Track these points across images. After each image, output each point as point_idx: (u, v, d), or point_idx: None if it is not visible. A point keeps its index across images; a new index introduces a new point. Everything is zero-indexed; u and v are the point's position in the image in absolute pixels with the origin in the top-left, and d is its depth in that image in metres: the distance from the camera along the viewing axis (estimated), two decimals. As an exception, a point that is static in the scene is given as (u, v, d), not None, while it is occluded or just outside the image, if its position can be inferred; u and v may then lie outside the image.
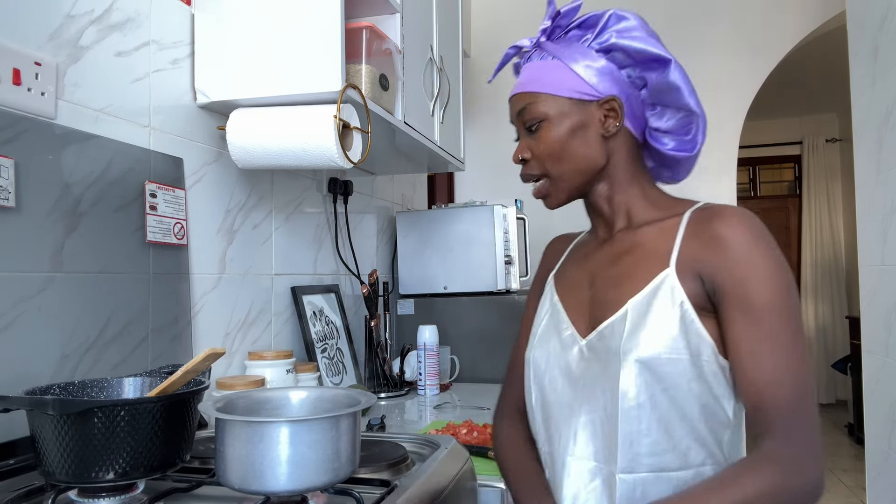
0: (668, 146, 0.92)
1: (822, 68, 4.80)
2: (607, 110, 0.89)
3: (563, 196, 0.93)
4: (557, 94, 0.89)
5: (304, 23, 1.31)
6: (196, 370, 0.84)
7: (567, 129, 0.89)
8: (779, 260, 0.79)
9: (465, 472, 1.03)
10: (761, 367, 0.76)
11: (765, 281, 0.77)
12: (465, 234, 2.19)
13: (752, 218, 0.81)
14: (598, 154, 0.90)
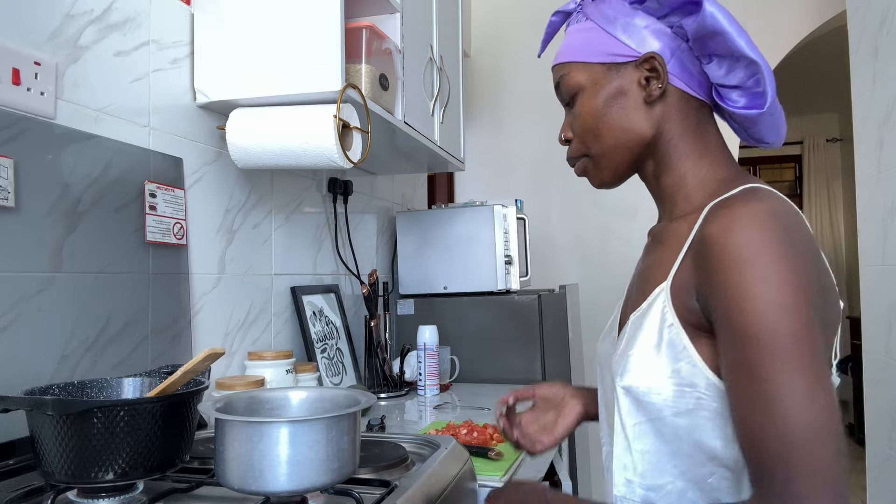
0: (738, 104, 0.75)
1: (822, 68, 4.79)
2: (648, 70, 0.75)
3: (605, 175, 0.81)
4: (588, 60, 0.78)
5: (304, 22, 1.31)
6: (196, 370, 0.84)
7: (603, 100, 0.77)
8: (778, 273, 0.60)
9: (465, 472, 1.02)
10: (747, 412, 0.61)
11: (745, 305, 0.61)
12: (465, 234, 2.19)
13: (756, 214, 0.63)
14: (641, 124, 0.77)
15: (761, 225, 0.62)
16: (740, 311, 0.61)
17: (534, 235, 3.10)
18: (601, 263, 3.03)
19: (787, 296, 0.60)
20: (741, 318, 0.61)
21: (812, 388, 0.58)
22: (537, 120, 3.14)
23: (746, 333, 0.61)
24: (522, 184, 3.17)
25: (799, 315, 0.60)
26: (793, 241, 0.62)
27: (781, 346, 0.59)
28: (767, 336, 0.60)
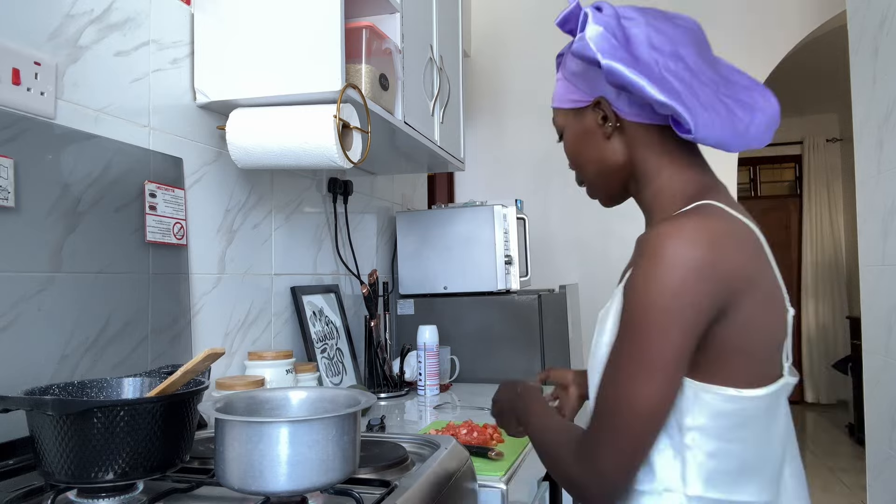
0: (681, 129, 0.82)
1: (822, 68, 4.79)
2: (601, 112, 0.87)
3: (601, 196, 0.95)
4: (562, 106, 0.92)
5: (304, 22, 1.31)
6: (196, 370, 0.84)
7: (574, 139, 0.91)
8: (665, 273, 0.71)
9: (465, 472, 1.02)
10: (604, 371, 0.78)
11: (634, 292, 0.74)
12: (465, 234, 2.19)
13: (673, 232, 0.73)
14: (610, 155, 0.88)
15: (675, 238, 0.73)
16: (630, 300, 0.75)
17: (534, 235, 3.10)
18: (601, 263, 3.04)
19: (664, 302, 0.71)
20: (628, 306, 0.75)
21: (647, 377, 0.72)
22: (537, 120, 3.14)
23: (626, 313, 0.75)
24: (522, 184, 3.17)
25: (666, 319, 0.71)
26: (698, 258, 0.72)
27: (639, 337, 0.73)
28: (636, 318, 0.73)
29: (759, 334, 0.76)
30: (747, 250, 0.76)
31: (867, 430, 2.31)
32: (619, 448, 0.74)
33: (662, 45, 0.81)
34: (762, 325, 0.76)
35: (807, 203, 6.28)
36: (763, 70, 2.90)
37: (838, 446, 4.86)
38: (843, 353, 5.59)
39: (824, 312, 6.16)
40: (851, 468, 4.30)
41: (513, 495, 1.14)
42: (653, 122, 0.85)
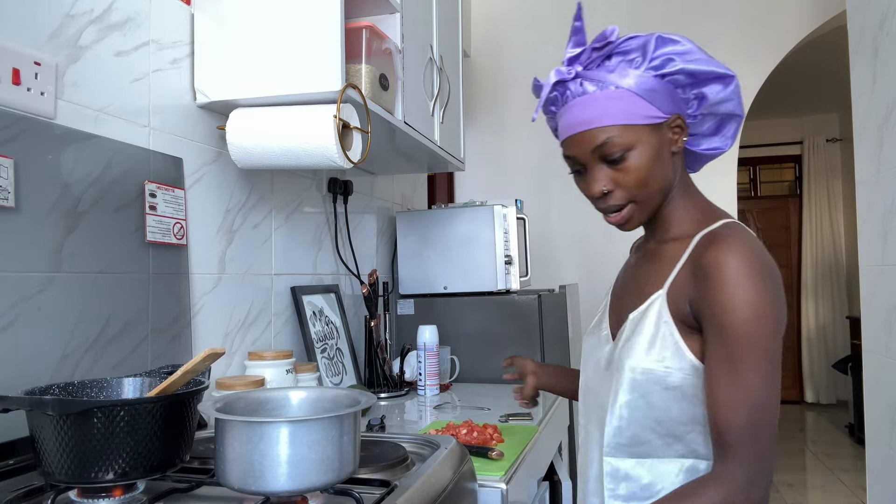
0: (701, 146, 0.98)
1: (822, 68, 4.79)
2: (674, 128, 0.92)
3: (644, 218, 0.96)
4: (634, 122, 0.90)
5: (304, 22, 1.31)
6: (196, 370, 0.84)
7: (651, 155, 0.91)
8: (757, 291, 0.82)
9: (465, 472, 1.02)
10: (720, 390, 0.83)
11: (735, 311, 0.82)
12: (465, 234, 2.19)
13: (742, 247, 0.83)
14: (673, 172, 0.95)
15: (744, 257, 0.83)
16: (728, 316, 0.82)
17: (534, 235, 3.10)
18: (601, 263, 3.04)
19: (761, 308, 0.82)
20: (728, 320, 0.82)
21: (773, 383, 0.82)
22: (537, 120, 3.14)
23: (730, 333, 0.82)
24: (522, 184, 3.17)
25: (769, 325, 0.82)
26: (765, 271, 0.83)
27: (755, 345, 0.82)
28: (745, 336, 0.82)
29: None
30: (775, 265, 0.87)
31: (867, 430, 2.31)
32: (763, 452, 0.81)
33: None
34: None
35: (807, 203, 6.28)
36: (763, 70, 2.90)
37: (838, 446, 4.86)
38: (843, 353, 5.59)
39: (824, 312, 6.16)
40: (851, 468, 4.30)
41: (513, 495, 1.14)
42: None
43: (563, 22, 3.14)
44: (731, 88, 0.92)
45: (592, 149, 0.91)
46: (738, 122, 0.96)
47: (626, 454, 0.92)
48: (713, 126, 0.97)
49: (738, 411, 0.81)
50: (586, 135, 0.91)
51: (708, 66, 0.90)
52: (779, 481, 4.09)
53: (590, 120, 0.91)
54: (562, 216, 3.12)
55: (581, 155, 0.93)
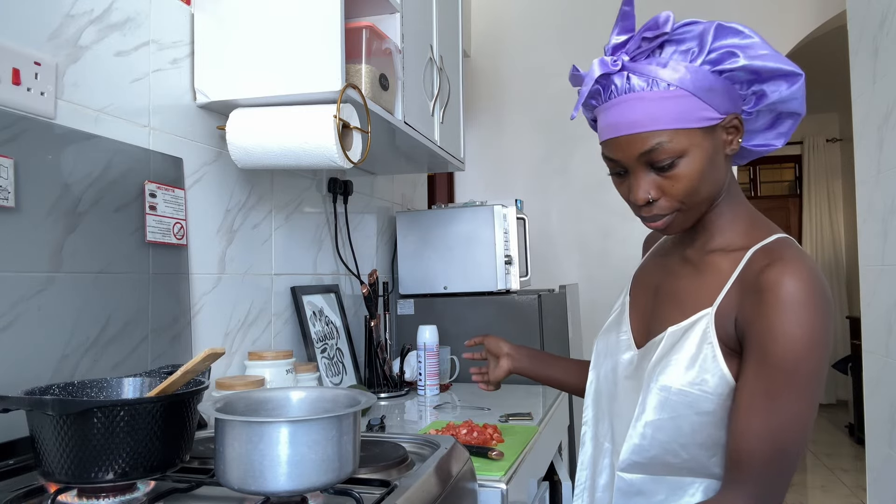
0: (752, 142, 0.90)
1: (822, 68, 4.79)
2: (730, 128, 0.84)
3: (689, 223, 0.88)
4: (688, 126, 0.81)
5: (304, 22, 1.31)
6: (196, 370, 0.84)
7: (704, 161, 0.83)
8: (813, 322, 0.75)
9: (465, 472, 1.02)
10: (751, 417, 0.78)
11: (785, 339, 0.76)
12: (465, 234, 2.19)
13: (804, 271, 0.77)
14: (723, 176, 0.87)
15: (805, 281, 0.77)
16: (776, 343, 0.76)
17: (534, 235, 3.10)
18: (601, 263, 3.04)
19: (813, 341, 0.76)
20: (775, 348, 0.76)
21: (807, 418, 0.77)
22: (537, 120, 3.14)
23: (775, 361, 0.76)
24: (522, 184, 3.17)
25: (818, 358, 0.76)
26: (823, 298, 0.77)
27: (798, 379, 0.76)
28: (798, 373, 0.76)
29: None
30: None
31: (867, 430, 2.31)
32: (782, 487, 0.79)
33: None
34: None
35: (807, 203, 6.28)
36: (763, 70, 2.90)
37: (838, 446, 4.86)
38: (843, 353, 5.59)
39: (824, 312, 6.15)
40: (851, 468, 4.30)
41: (513, 495, 1.14)
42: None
43: (564, 22, 3.14)
44: (797, 87, 0.82)
45: (639, 154, 0.82)
46: (796, 119, 0.87)
47: (642, 471, 0.88)
48: (768, 121, 0.88)
49: (764, 443, 0.77)
50: (634, 138, 0.82)
51: (775, 63, 0.81)
52: (779, 481, 4.08)
53: (638, 122, 0.81)
54: (562, 216, 3.12)
55: (626, 159, 0.84)
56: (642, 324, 0.96)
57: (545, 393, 1.91)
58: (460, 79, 2.17)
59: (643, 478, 0.88)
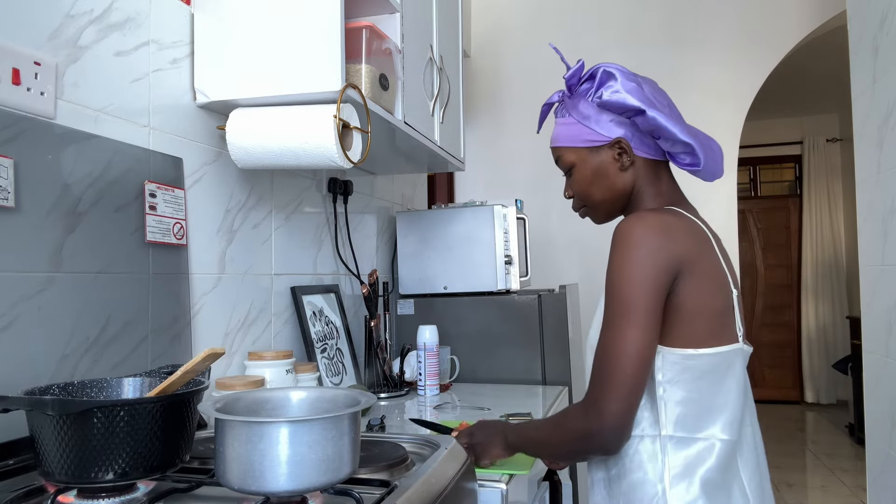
0: (684, 161, 1.08)
1: (822, 68, 4.79)
2: (618, 149, 1.07)
3: (601, 217, 1.15)
4: (574, 145, 1.10)
5: (304, 22, 1.31)
6: (196, 370, 0.84)
7: (590, 172, 1.10)
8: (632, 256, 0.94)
9: (465, 472, 1.02)
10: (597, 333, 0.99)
11: (612, 272, 0.96)
12: (465, 234, 2.19)
13: (634, 221, 0.96)
14: (622, 184, 1.09)
15: (632, 224, 0.96)
16: (609, 277, 0.96)
17: (534, 235, 3.10)
18: (601, 263, 3.03)
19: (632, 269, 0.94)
20: (608, 281, 0.96)
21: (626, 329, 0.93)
22: (537, 120, 3.14)
23: (609, 291, 0.96)
24: (522, 184, 3.17)
25: (634, 282, 0.93)
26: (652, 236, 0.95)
27: (618, 298, 0.94)
28: (618, 293, 0.94)
29: (703, 302, 0.96)
30: (692, 238, 0.98)
31: (867, 430, 2.31)
32: (619, 390, 0.92)
33: (662, 98, 1.06)
34: (706, 296, 0.97)
35: (807, 203, 6.28)
36: (763, 70, 2.90)
37: (838, 446, 4.86)
38: (843, 353, 5.59)
39: (824, 312, 6.16)
40: (851, 468, 4.30)
41: (513, 495, 1.14)
42: (655, 157, 1.09)
43: (564, 22, 3.14)
44: (651, 119, 1.02)
45: (555, 161, 1.15)
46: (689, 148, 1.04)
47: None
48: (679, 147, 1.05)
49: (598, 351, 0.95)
50: (553, 150, 1.15)
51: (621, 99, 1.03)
52: (779, 481, 4.09)
53: (553, 139, 1.14)
54: (562, 216, 3.12)
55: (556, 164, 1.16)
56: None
57: (545, 393, 1.91)
58: (460, 79, 2.17)
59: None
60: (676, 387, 0.97)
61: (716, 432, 0.97)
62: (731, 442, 0.97)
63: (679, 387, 0.96)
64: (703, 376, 0.97)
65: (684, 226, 0.99)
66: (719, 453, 0.96)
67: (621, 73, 1.06)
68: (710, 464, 0.95)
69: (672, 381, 0.96)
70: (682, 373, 0.96)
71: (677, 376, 0.96)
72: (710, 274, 0.98)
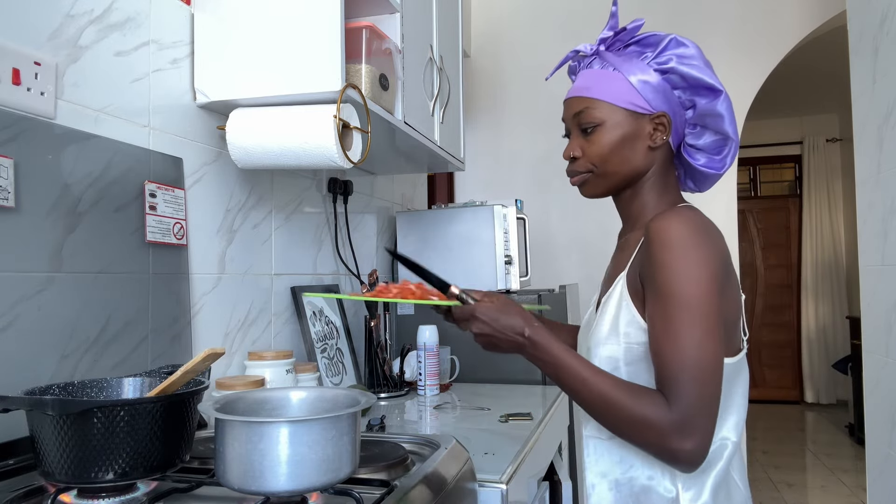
0: (699, 162, 1.02)
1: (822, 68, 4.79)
2: (657, 124, 0.98)
3: (599, 191, 1.04)
4: (614, 102, 0.98)
5: (304, 22, 1.31)
6: (196, 370, 0.84)
7: (619, 137, 0.98)
8: (690, 255, 0.86)
9: (465, 472, 1.02)
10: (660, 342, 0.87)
11: (670, 272, 0.86)
12: (465, 234, 2.19)
13: (679, 219, 0.88)
14: (641, 162, 1.00)
15: (683, 224, 0.88)
16: (664, 277, 0.86)
17: (534, 235, 3.10)
18: (601, 263, 3.02)
19: (696, 271, 0.85)
20: (664, 281, 0.86)
21: (703, 337, 0.84)
22: (537, 120, 3.14)
23: (667, 292, 0.86)
24: (522, 184, 3.17)
25: (702, 286, 0.85)
26: (704, 237, 0.88)
27: (688, 304, 0.85)
28: (680, 296, 0.85)
29: (734, 309, 0.93)
30: (721, 237, 0.92)
31: (867, 430, 2.31)
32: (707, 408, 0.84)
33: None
34: (735, 303, 0.94)
35: (807, 203, 6.28)
36: (763, 70, 2.90)
37: (838, 446, 4.86)
38: (843, 353, 5.59)
39: (824, 312, 6.16)
40: (851, 468, 4.30)
41: (513, 495, 1.14)
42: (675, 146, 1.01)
43: (564, 22, 3.14)
44: (720, 102, 0.95)
45: (573, 114, 1.01)
46: (732, 146, 0.99)
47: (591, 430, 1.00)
48: (712, 144, 1.00)
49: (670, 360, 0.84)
50: (573, 100, 1.02)
51: (700, 74, 0.95)
52: (779, 481, 4.09)
53: (580, 88, 1.01)
54: (562, 216, 3.12)
55: (566, 118, 1.03)
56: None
57: (545, 393, 1.91)
58: (460, 79, 2.17)
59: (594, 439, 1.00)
60: None
61: (727, 434, 0.94)
62: (737, 443, 0.96)
63: None
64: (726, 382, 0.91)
65: (713, 225, 0.93)
66: (728, 454, 0.94)
67: (697, 48, 0.97)
68: (721, 465, 0.93)
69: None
70: None
71: None
72: (734, 280, 0.94)
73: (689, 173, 1.07)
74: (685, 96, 0.98)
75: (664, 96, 0.97)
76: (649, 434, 0.84)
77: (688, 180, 1.09)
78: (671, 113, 0.98)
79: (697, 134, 1.00)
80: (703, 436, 0.83)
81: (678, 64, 0.95)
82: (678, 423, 0.82)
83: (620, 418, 0.86)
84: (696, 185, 1.08)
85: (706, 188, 1.08)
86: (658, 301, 0.87)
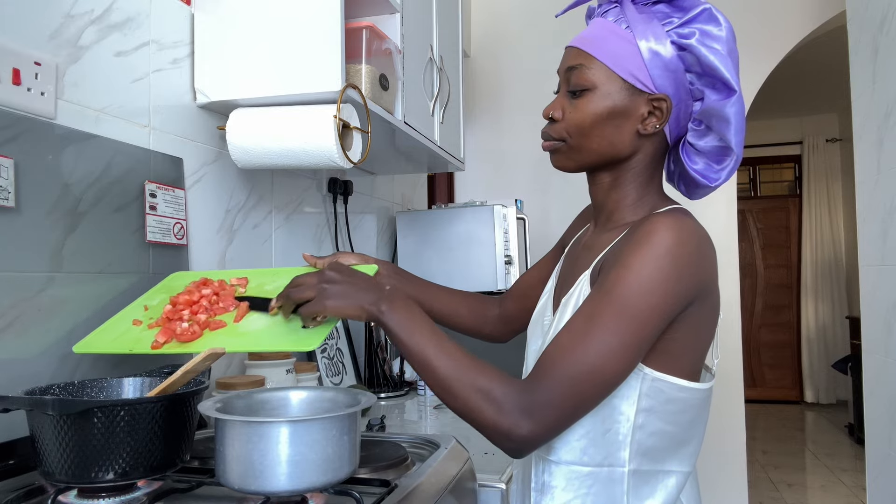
0: (696, 166, 0.89)
1: (822, 68, 4.79)
2: (654, 108, 0.85)
3: (571, 164, 0.90)
4: (613, 68, 0.84)
5: (304, 23, 1.31)
6: (196, 370, 0.84)
7: (607, 110, 0.85)
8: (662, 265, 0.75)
9: (465, 472, 1.03)
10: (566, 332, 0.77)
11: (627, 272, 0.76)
12: (465, 234, 2.19)
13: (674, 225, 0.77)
14: (625, 145, 0.87)
15: (673, 231, 0.77)
16: (618, 274, 0.76)
17: (534, 235, 3.10)
18: (601, 263, 3.03)
19: (656, 285, 0.75)
20: (616, 278, 0.76)
21: (616, 350, 0.74)
22: (537, 120, 3.13)
23: (609, 289, 0.76)
24: (522, 184, 3.17)
25: (651, 301, 0.75)
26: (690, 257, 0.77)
27: (622, 311, 0.75)
28: (620, 298, 0.75)
29: (705, 335, 0.83)
30: (714, 258, 0.81)
31: (867, 429, 2.31)
32: (567, 411, 0.76)
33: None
34: (708, 328, 0.83)
35: (806, 203, 6.28)
36: (763, 70, 2.90)
37: (838, 446, 4.86)
38: (843, 353, 5.59)
39: (824, 312, 6.16)
40: (851, 468, 4.30)
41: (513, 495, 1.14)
42: (669, 141, 0.89)
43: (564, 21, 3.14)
44: (730, 104, 0.81)
45: (567, 68, 0.88)
46: (733, 159, 0.86)
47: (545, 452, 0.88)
48: (715, 150, 0.86)
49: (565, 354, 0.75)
50: (572, 50, 0.88)
51: (717, 63, 0.81)
52: (778, 481, 4.09)
53: (583, 39, 0.87)
54: (562, 216, 3.12)
55: (561, 70, 0.90)
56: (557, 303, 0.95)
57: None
58: (460, 79, 2.17)
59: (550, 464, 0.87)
60: (655, 417, 0.81)
61: (678, 466, 0.85)
62: (688, 473, 0.87)
63: (658, 417, 0.81)
64: (687, 410, 0.83)
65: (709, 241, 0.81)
66: (677, 485, 0.85)
67: (730, 29, 0.82)
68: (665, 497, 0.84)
69: (651, 410, 0.81)
70: (666, 403, 0.81)
71: (660, 406, 0.81)
72: (714, 304, 0.83)
73: (682, 176, 0.94)
74: (697, 84, 0.84)
75: (673, 77, 0.83)
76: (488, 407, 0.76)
77: (681, 182, 0.96)
78: (675, 99, 0.84)
79: (701, 133, 0.87)
80: (547, 429, 0.75)
81: (698, 42, 0.81)
82: (525, 404, 0.75)
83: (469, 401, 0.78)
84: (686, 191, 0.96)
85: (696, 197, 0.95)
86: (596, 294, 0.78)
